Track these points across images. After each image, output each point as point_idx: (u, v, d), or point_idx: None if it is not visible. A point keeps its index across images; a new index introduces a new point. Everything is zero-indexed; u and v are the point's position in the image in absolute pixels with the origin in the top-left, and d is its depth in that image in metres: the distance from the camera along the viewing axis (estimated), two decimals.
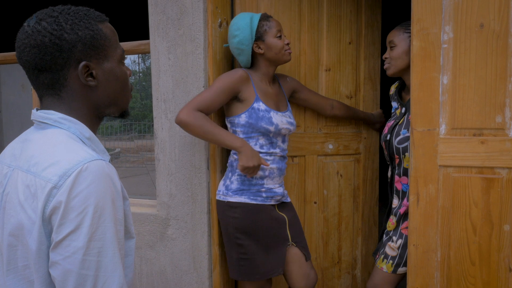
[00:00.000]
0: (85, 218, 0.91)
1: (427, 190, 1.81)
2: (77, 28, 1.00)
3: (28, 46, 0.99)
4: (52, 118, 1.02)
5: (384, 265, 2.05)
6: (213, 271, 2.25)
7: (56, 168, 0.93)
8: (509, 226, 1.72)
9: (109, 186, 0.95)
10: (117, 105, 1.12)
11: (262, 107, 2.06)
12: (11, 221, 0.97)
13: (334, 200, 2.56)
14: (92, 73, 1.03)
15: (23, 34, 1.00)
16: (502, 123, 1.72)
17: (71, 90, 1.03)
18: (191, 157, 2.24)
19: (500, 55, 1.71)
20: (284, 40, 2.10)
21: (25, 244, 0.96)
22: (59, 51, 0.99)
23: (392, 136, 2.08)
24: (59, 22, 0.99)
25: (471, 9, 1.73)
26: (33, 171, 0.95)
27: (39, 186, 0.93)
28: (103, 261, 0.93)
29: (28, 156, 0.99)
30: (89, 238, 0.91)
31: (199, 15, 2.16)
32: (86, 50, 1.01)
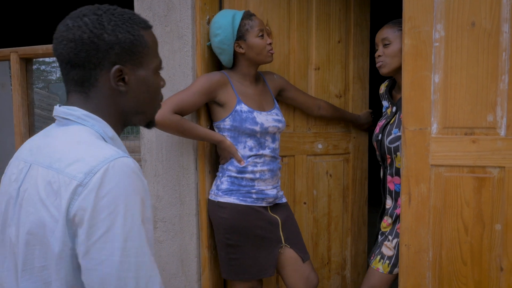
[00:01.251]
0: (117, 218, 0.87)
1: (419, 189, 1.80)
2: (118, 30, 0.98)
3: (66, 39, 0.97)
4: (75, 115, 1.00)
5: (380, 266, 2.03)
6: (202, 274, 2.22)
7: (81, 165, 0.89)
8: (501, 225, 1.72)
9: (137, 183, 0.92)
10: (144, 115, 1.09)
11: (245, 109, 2.04)
12: (30, 218, 0.93)
13: (324, 200, 2.54)
14: (124, 78, 1.01)
15: (63, 26, 0.98)
16: (493, 122, 1.72)
17: (99, 91, 1.01)
18: (179, 157, 2.20)
19: (491, 53, 1.70)
20: (267, 40, 2.06)
21: (45, 243, 0.91)
22: (96, 50, 0.97)
23: (384, 135, 2.06)
24: (102, 21, 0.97)
25: (462, 7, 1.72)
26: (55, 167, 0.91)
27: (63, 183, 0.89)
28: (142, 261, 0.90)
29: (49, 152, 0.95)
30: (124, 238, 0.87)
31: (186, 12, 2.13)
32: (123, 54, 0.99)
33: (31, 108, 2.90)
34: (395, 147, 1.99)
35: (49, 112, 10.07)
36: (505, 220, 1.71)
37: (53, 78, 17.52)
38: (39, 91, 10.68)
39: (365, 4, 2.61)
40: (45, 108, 9.75)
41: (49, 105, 10.18)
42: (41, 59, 13.73)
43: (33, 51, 2.65)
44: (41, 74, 16.74)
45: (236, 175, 2.06)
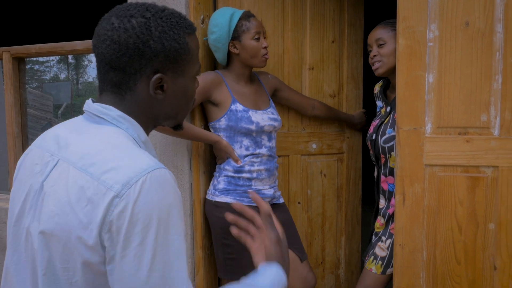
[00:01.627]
0: (150, 231, 0.85)
1: (413, 189, 1.79)
2: (164, 37, 0.95)
3: (109, 40, 0.93)
4: (111, 115, 0.97)
5: (373, 266, 2.02)
6: (196, 275, 2.20)
7: (118, 174, 0.86)
8: (494, 224, 1.72)
9: (173, 196, 0.89)
10: (176, 119, 1.08)
11: (240, 108, 2.03)
12: (55, 219, 0.89)
13: (318, 200, 2.53)
14: (163, 85, 0.98)
15: (108, 24, 0.95)
16: (487, 122, 1.71)
17: (136, 96, 0.98)
18: (172, 157, 2.18)
19: (485, 53, 1.70)
20: (262, 43, 2.03)
21: (68, 247, 0.88)
22: (140, 56, 0.94)
23: (378, 135, 2.05)
24: (149, 26, 0.94)
25: (456, 7, 1.72)
26: (90, 171, 0.88)
27: (98, 192, 0.86)
28: (170, 276, 0.87)
29: (82, 152, 0.91)
30: (153, 252, 0.85)
31: (180, 11, 2.08)
32: (166, 63, 0.97)
33: (23, 108, 2.87)
34: (389, 147, 1.98)
35: (43, 112, 10.00)
36: (498, 219, 1.71)
37: (47, 78, 17.45)
38: (33, 91, 10.60)
39: (358, 4, 2.61)
40: (38, 108, 9.68)
41: (42, 105, 10.11)
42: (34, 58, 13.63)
43: (26, 50, 2.62)
44: (35, 73, 16.63)
45: (233, 174, 2.05)
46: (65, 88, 14.20)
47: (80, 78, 20.76)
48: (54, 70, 17.82)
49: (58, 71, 18.10)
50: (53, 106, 10.94)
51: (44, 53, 2.63)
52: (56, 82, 15.41)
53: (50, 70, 17.36)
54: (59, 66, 5.27)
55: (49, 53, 2.65)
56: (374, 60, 2.04)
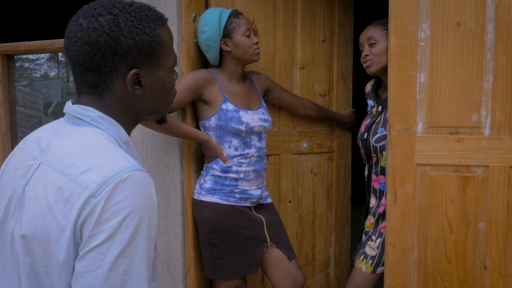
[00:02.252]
0: (118, 231, 0.82)
1: (405, 188, 1.77)
2: (135, 32, 0.92)
3: (80, 41, 0.90)
4: (90, 116, 0.94)
5: (363, 265, 1.99)
6: (188, 274, 2.16)
7: (95, 174, 0.84)
8: (485, 224, 1.70)
9: (147, 199, 0.87)
10: (157, 113, 1.05)
11: (231, 108, 1.99)
12: (34, 222, 0.87)
13: (308, 199, 2.50)
14: (140, 81, 0.96)
15: (77, 25, 0.92)
16: (478, 122, 1.69)
17: (114, 94, 0.95)
18: (164, 156, 2.14)
19: (476, 53, 1.68)
20: (253, 39, 2.01)
21: (48, 250, 0.86)
22: (112, 54, 0.91)
23: (369, 134, 2.02)
24: (118, 22, 0.91)
25: (448, 7, 1.70)
26: (67, 173, 0.86)
27: (75, 192, 0.84)
28: (129, 281, 0.84)
29: (61, 154, 0.89)
30: (118, 253, 0.82)
31: (172, 9, 2.06)
32: (140, 57, 0.94)
33: (13, 106, 2.81)
34: (381, 146, 1.96)
35: (33, 110, 9.88)
36: (489, 218, 1.69)
37: (37, 76, 17.22)
38: (22, 89, 10.47)
39: (348, 4, 2.58)
40: (28, 106, 9.56)
41: (32, 103, 9.98)
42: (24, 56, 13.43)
43: (15, 47, 2.56)
44: (25, 71, 16.42)
45: (220, 174, 2.01)
46: (55, 86, 14.06)
47: (71, 76, 20.66)
48: (44, 68, 17.64)
49: (48, 69, 17.89)
50: (43, 104, 10.84)
51: (33, 50, 2.57)
52: (46, 80, 15.26)
53: (40, 68, 17.16)
54: (49, 64, 5.19)
55: (39, 51, 2.59)
56: (366, 59, 2.02)
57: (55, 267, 0.86)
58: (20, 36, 3.83)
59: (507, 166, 1.67)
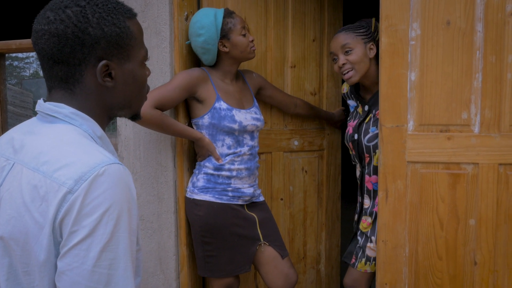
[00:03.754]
0: (99, 226, 0.80)
1: (396, 186, 1.76)
2: (103, 23, 0.89)
3: (48, 34, 0.88)
4: (63, 113, 0.91)
5: (368, 267, 1.97)
6: (181, 272, 2.13)
7: (70, 170, 0.82)
8: (474, 220, 1.70)
9: (125, 193, 0.85)
10: (130, 108, 1.01)
11: (224, 106, 1.96)
12: (11, 222, 0.85)
13: (300, 196, 2.48)
14: (110, 73, 0.93)
15: (44, 18, 0.89)
16: (467, 119, 1.69)
17: (85, 87, 0.92)
18: (157, 154, 2.10)
19: (466, 52, 1.68)
20: (249, 37, 2.00)
21: (27, 250, 0.84)
22: (81, 45, 0.88)
23: (360, 135, 1.99)
24: (86, 13, 0.88)
25: (438, 6, 1.69)
26: (42, 170, 0.83)
27: (51, 189, 0.81)
28: (114, 275, 0.82)
29: (34, 152, 0.87)
30: (101, 248, 0.80)
31: (164, 8, 2.03)
32: (109, 48, 0.91)
33: (3, 105, 2.75)
34: (373, 145, 1.93)
35: (22, 109, 9.71)
36: (478, 215, 1.69)
37: (27, 74, 16.92)
38: (12, 88, 10.29)
39: (338, 4, 2.57)
40: (18, 105, 9.39)
41: (22, 101, 9.82)
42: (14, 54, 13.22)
43: (6, 46, 2.50)
44: (14, 70, 16.15)
45: (212, 172, 1.98)
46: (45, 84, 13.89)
47: None
48: (33, 67, 17.30)
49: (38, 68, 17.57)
50: (33, 103, 10.67)
51: (25, 48, 2.51)
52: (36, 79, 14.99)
53: (30, 66, 16.91)
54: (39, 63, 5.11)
55: (30, 49, 2.54)
56: (345, 68, 1.93)
57: (35, 266, 0.84)
58: (11, 34, 3.76)
59: (496, 163, 1.66)
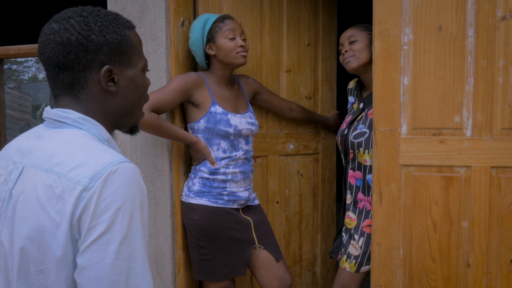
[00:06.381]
0: (115, 221, 0.84)
1: (390, 189, 1.76)
2: (105, 31, 0.94)
3: (53, 42, 0.92)
4: (71, 118, 0.95)
5: (347, 265, 1.98)
6: (177, 275, 2.12)
7: (84, 169, 0.86)
8: (467, 223, 1.70)
9: (137, 189, 0.89)
10: (131, 117, 1.05)
11: (219, 110, 1.96)
12: (28, 222, 0.87)
13: (295, 199, 2.48)
14: (113, 78, 0.97)
15: (49, 29, 0.94)
16: (460, 123, 1.69)
17: (90, 93, 0.96)
18: (153, 158, 2.10)
19: (458, 56, 1.68)
20: (238, 42, 1.96)
21: (43, 248, 0.86)
22: (84, 51, 0.93)
23: (349, 131, 2.01)
24: (88, 22, 0.93)
25: (429, 11, 1.69)
26: (56, 171, 0.87)
27: (66, 188, 0.85)
28: (134, 267, 0.86)
29: (46, 155, 0.90)
30: (119, 241, 0.84)
31: (160, 14, 2.02)
32: (111, 55, 0.96)
33: (2, 109, 2.74)
34: (358, 142, 1.94)
35: (21, 113, 9.68)
36: (471, 217, 1.69)
37: (25, 78, 16.86)
38: (11, 91, 10.26)
39: (332, 9, 2.58)
40: (16, 109, 9.36)
41: (20, 105, 9.79)
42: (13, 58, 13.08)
43: (4, 51, 2.49)
44: (13, 73, 16.09)
45: (208, 176, 1.97)
46: (44, 88, 13.77)
47: None
48: (32, 70, 17.28)
49: (37, 71, 17.52)
50: (32, 107, 10.62)
51: (22, 54, 2.50)
52: (35, 83, 14.92)
53: (29, 70, 16.81)
54: (38, 66, 5.10)
55: (28, 54, 2.53)
56: (346, 55, 2.00)
57: (51, 263, 0.86)
58: (8, 40, 3.75)
59: (488, 166, 1.67)
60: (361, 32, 2.00)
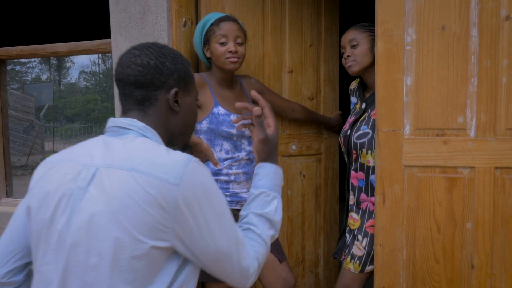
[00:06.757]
0: (206, 203, 1.00)
1: (393, 190, 1.74)
2: (175, 61, 1.12)
3: (134, 64, 1.08)
4: (137, 126, 1.08)
5: (351, 266, 1.97)
6: None
7: (166, 167, 0.98)
8: (471, 224, 1.68)
9: (209, 177, 1.04)
10: (185, 136, 1.20)
11: (222, 111, 1.95)
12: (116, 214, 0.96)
13: (298, 200, 2.47)
14: (177, 100, 1.13)
15: (130, 54, 1.10)
16: (463, 124, 1.67)
17: (157, 110, 1.11)
18: None
19: (461, 57, 1.66)
20: (229, 48, 1.93)
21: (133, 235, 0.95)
22: (159, 74, 1.09)
23: (352, 131, 2.00)
24: (163, 52, 1.11)
25: (432, 11, 1.68)
26: (140, 169, 0.97)
27: (153, 184, 0.96)
28: (234, 236, 1.04)
29: (122, 156, 1.01)
30: (217, 218, 1.01)
31: (162, 14, 2.02)
32: (179, 81, 1.12)
33: (4, 110, 2.74)
34: (361, 143, 1.94)
35: (24, 114, 9.68)
36: (475, 218, 1.67)
37: (29, 79, 16.86)
38: (14, 92, 10.26)
39: (334, 9, 2.56)
40: (20, 110, 9.37)
41: (24, 106, 9.79)
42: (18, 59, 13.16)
43: (7, 52, 2.50)
44: (16, 74, 16.11)
45: None
46: (47, 89, 13.78)
47: (63, 79, 20.17)
48: (36, 71, 17.18)
49: (40, 72, 17.46)
50: (35, 107, 10.63)
51: (25, 55, 2.51)
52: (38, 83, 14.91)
53: (32, 71, 16.83)
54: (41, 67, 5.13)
55: (31, 55, 2.54)
56: (349, 60, 2.01)
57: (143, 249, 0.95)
58: (11, 40, 3.75)
59: (492, 166, 1.65)
60: (362, 34, 1.99)
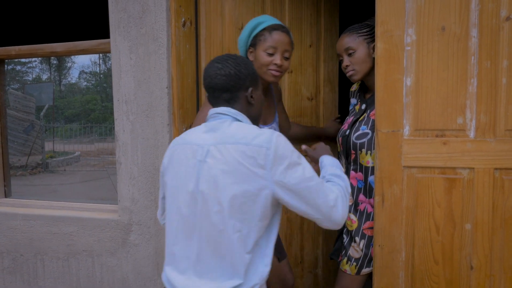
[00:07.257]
0: (294, 159, 1.32)
1: (392, 190, 1.73)
2: (246, 67, 1.46)
3: (220, 75, 1.42)
4: (232, 112, 1.43)
5: (348, 267, 1.95)
6: None
7: (261, 139, 1.32)
8: (470, 225, 1.67)
9: (288, 141, 1.37)
10: (258, 120, 1.55)
11: None
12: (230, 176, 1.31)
13: None
14: (252, 95, 1.47)
15: (214, 67, 1.43)
16: (463, 124, 1.67)
17: (239, 105, 1.46)
18: (154, 159, 2.08)
19: (461, 57, 1.66)
20: (274, 60, 1.86)
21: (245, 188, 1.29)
22: (239, 79, 1.43)
23: (351, 131, 1.99)
24: (238, 63, 1.44)
25: (432, 12, 1.67)
26: (243, 142, 1.32)
27: (254, 150, 1.30)
28: (318, 181, 1.35)
29: (228, 134, 1.36)
30: (302, 170, 1.32)
31: (161, 14, 2.01)
32: (252, 81, 1.47)
33: (3, 110, 2.73)
34: (360, 143, 1.92)
35: (25, 114, 9.66)
36: (474, 219, 1.66)
37: (29, 79, 16.81)
38: (15, 92, 10.24)
39: (334, 10, 2.55)
40: (20, 110, 9.35)
41: (24, 106, 9.77)
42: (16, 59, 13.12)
43: (5, 52, 2.49)
44: (17, 74, 16.06)
45: None
46: (47, 89, 13.73)
47: (63, 79, 20.10)
48: (36, 71, 17.13)
49: (41, 72, 17.39)
50: (35, 107, 10.60)
51: (24, 54, 2.50)
52: (38, 83, 14.88)
53: (33, 71, 16.79)
54: (42, 67, 5.11)
55: (30, 55, 2.52)
56: (348, 69, 1.98)
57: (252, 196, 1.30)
58: (10, 40, 3.74)
59: (491, 167, 1.64)
60: (356, 39, 1.95)
